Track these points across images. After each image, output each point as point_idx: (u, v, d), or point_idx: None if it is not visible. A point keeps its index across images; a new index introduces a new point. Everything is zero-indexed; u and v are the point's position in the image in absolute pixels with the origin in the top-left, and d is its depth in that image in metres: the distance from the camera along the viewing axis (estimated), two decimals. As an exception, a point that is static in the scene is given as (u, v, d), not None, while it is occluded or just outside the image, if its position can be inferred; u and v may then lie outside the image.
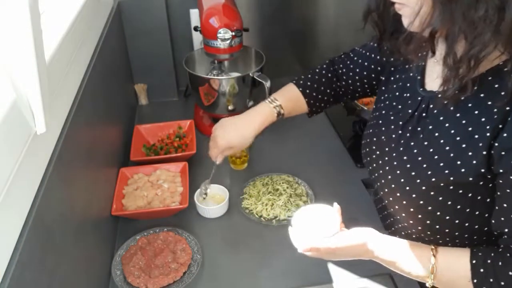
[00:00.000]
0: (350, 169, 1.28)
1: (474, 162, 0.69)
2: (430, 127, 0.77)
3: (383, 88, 0.95)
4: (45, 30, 0.68)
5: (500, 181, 0.69)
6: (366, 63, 1.02)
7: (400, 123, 0.83)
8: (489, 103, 0.69)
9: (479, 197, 0.72)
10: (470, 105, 0.71)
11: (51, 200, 0.68)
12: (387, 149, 0.86)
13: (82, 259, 0.82)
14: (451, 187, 0.73)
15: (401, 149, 0.82)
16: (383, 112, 0.90)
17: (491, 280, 0.67)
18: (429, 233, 0.81)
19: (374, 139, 0.91)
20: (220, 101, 1.35)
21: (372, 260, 0.79)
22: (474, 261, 0.69)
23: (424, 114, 0.79)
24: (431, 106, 0.78)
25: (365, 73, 1.02)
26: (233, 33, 1.24)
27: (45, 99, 0.64)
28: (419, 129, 0.79)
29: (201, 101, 1.38)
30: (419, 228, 0.82)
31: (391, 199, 0.84)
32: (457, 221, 0.76)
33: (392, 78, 0.92)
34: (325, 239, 0.76)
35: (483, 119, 0.69)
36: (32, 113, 0.64)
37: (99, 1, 1.24)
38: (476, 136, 0.69)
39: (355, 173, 1.26)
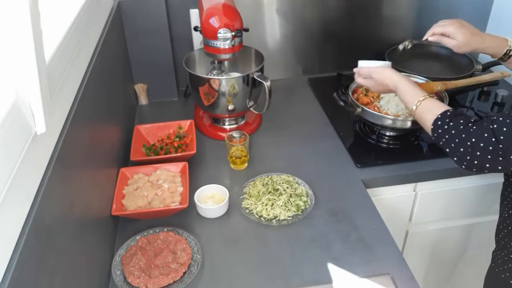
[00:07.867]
0: (350, 169, 1.28)
1: None
2: None
3: None
4: (45, 30, 0.68)
5: None
6: None
7: None
8: None
9: None
10: None
11: (51, 200, 0.68)
12: None
13: (82, 259, 0.82)
14: None
15: None
16: None
17: (445, 126, 0.92)
18: None
19: None
20: (220, 101, 1.35)
21: (372, 260, 0.84)
22: (439, 115, 0.94)
23: None
24: None
25: None
26: (233, 33, 1.24)
27: (45, 99, 0.64)
28: None
29: (201, 101, 1.38)
30: None
31: None
32: None
33: None
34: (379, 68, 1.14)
35: None
36: (32, 113, 0.64)
37: (99, 1, 1.24)
38: None
39: (355, 173, 1.26)
